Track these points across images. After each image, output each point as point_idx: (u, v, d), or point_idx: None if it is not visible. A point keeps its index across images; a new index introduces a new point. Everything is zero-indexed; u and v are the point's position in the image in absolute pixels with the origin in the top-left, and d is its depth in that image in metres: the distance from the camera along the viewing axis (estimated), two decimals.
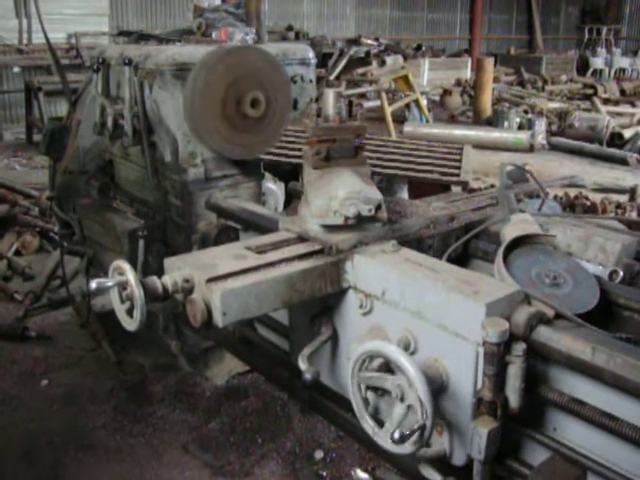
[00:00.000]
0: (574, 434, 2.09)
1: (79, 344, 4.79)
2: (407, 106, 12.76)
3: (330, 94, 2.70)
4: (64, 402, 4.13)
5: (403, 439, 1.96)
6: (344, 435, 3.68)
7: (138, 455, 3.69)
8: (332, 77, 15.29)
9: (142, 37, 4.70)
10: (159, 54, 3.75)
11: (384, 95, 11.68)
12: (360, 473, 3.58)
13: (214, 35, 4.50)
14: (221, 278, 2.27)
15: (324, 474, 3.57)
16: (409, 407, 2.03)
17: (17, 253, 6.40)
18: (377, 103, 12.39)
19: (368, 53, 17.60)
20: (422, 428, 1.95)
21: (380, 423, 2.17)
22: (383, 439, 2.11)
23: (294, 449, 3.75)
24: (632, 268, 2.69)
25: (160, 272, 2.38)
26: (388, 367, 2.11)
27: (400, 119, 12.48)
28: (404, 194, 5.15)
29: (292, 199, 4.54)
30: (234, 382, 4.29)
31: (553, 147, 12.11)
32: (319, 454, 3.71)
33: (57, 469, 3.58)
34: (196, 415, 4.00)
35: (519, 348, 2.02)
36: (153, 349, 4.44)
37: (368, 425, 2.18)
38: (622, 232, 3.00)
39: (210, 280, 2.24)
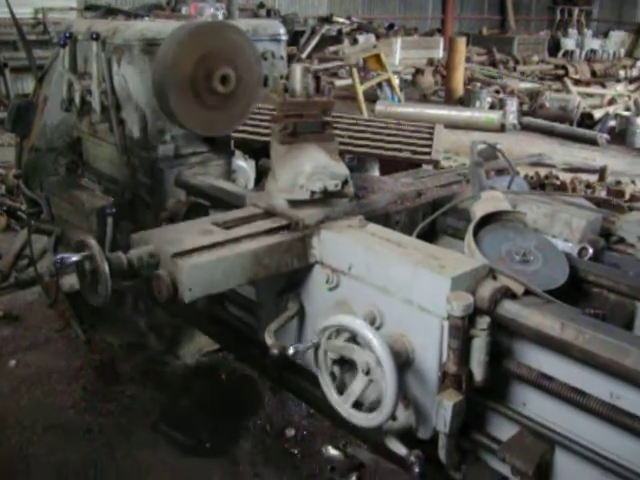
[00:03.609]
0: (543, 409, 2.11)
1: (47, 324, 4.76)
2: (379, 85, 12.75)
3: (297, 69, 2.67)
4: (32, 382, 4.11)
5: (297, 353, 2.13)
6: (315, 413, 3.70)
7: (108, 435, 3.68)
8: (304, 55, 15.20)
9: (110, 12, 4.60)
10: (127, 29, 3.68)
11: (356, 73, 11.63)
12: (331, 450, 3.60)
13: (184, 10, 4.42)
14: (187, 253, 2.25)
15: (295, 452, 3.59)
16: (370, 380, 2.05)
17: None
18: (349, 82, 12.35)
19: (340, 32, 17.52)
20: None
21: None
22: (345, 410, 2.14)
23: (265, 427, 3.76)
24: (597, 244, 2.72)
25: (129, 250, 2.35)
26: (354, 342, 2.11)
27: (372, 98, 12.46)
28: (375, 173, 5.15)
29: (263, 176, 4.52)
30: (204, 360, 4.28)
31: (524, 127, 12.20)
32: (290, 432, 3.73)
33: (26, 449, 3.56)
34: (166, 394, 4.00)
35: (483, 322, 2.03)
36: (122, 328, 4.41)
37: (334, 398, 2.19)
38: (588, 209, 3.03)
39: (176, 255, 2.22)
